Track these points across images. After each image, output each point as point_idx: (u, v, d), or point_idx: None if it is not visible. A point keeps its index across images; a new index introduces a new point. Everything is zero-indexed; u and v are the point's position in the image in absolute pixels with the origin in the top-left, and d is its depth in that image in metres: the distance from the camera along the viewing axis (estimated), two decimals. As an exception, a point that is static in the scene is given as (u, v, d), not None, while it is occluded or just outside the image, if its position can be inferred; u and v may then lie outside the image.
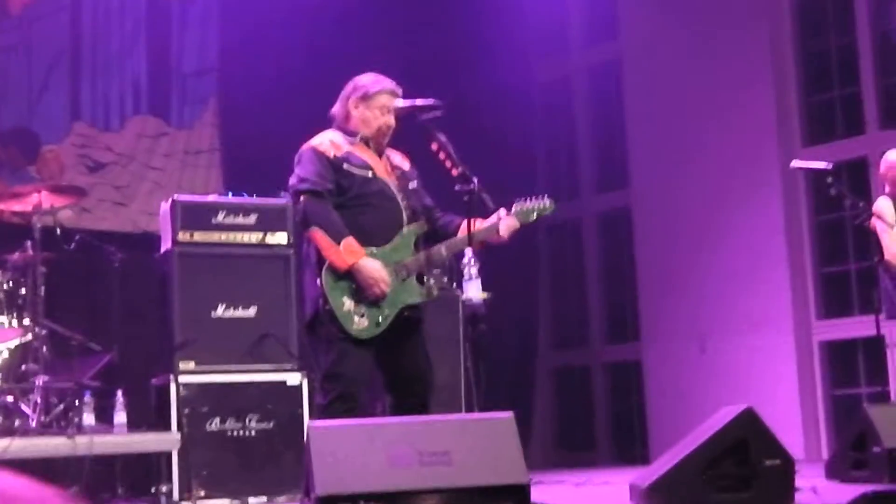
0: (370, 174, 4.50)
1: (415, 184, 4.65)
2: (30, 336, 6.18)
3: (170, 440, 6.00)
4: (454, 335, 6.93)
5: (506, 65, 9.79)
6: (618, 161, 9.97)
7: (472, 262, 4.38)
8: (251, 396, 6.23)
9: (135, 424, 6.32)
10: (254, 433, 6.20)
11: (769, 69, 8.89)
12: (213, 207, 6.44)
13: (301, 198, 4.43)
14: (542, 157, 10.43)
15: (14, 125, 7.84)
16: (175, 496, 5.95)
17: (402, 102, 4.55)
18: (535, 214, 4.67)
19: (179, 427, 6.02)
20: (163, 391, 6.18)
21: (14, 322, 6.24)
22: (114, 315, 6.96)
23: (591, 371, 10.11)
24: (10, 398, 6.04)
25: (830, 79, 8.95)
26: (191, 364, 6.16)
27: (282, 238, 6.50)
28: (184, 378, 6.11)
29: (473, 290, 4.37)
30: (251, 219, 6.46)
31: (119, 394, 6.29)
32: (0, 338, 6.17)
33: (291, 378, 6.33)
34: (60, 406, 6.05)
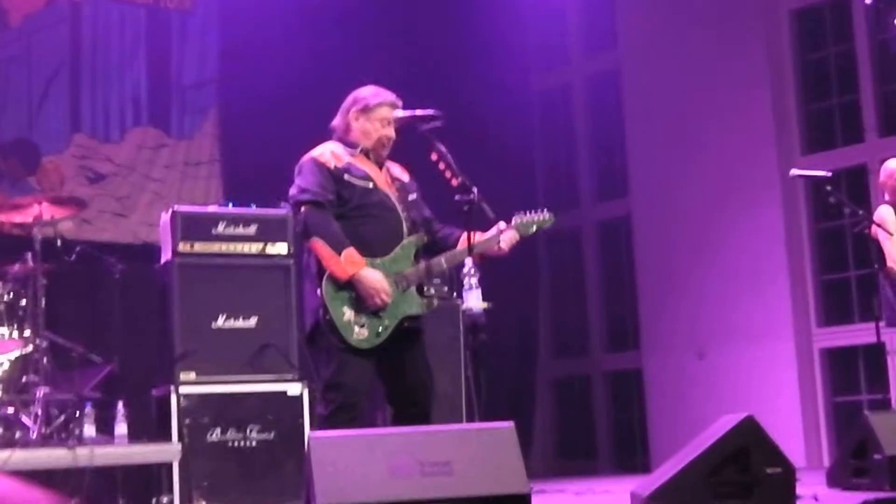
0: (371, 185, 4.50)
1: (414, 195, 4.65)
2: (30, 347, 6.18)
3: (171, 451, 6.00)
4: (455, 345, 6.94)
5: (505, 74, 9.81)
6: (617, 170, 9.98)
7: (473, 273, 4.38)
8: (252, 407, 6.23)
9: (136, 435, 6.32)
10: (254, 443, 6.20)
11: (768, 77, 8.90)
12: (214, 218, 6.45)
13: (302, 208, 4.43)
14: (542, 167, 10.44)
15: (14, 136, 7.85)
16: (176, 507, 5.96)
17: (402, 113, 4.56)
18: (535, 227, 4.68)
19: (180, 438, 6.02)
20: (163, 402, 6.19)
21: (15, 334, 6.24)
22: (114, 326, 6.96)
23: (592, 380, 10.10)
24: (11, 410, 6.04)
25: (829, 87, 8.95)
26: (191, 375, 6.17)
27: (282, 248, 6.51)
28: (184, 389, 6.11)
29: (474, 300, 4.37)
30: (251, 229, 6.46)
31: (120, 405, 6.29)
32: (1, 349, 6.17)
33: (292, 388, 6.33)
34: (61, 417, 6.06)
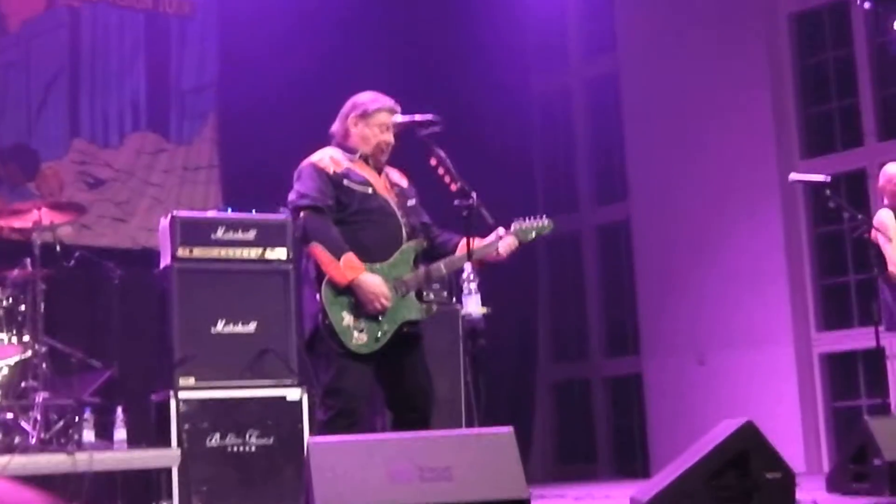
0: (370, 191, 4.50)
1: (413, 201, 4.65)
2: (29, 353, 6.18)
3: (170, 456, 6.00)
4: (454, 350, 6.95)
5: (504, 77, 9.81)
6: (616, 173, 9.98)
7: (472, 277, 4.36)
8: (251, 412, 6.22)
9: (135, 441, 6.32)
10: (254, 448, 6.20)
11: (767, 81, 8.90)
12: (213, 223, 6.45)
13: (301, 213, 4.43)
14: (541, 170, 10.44)
15: (13, 142, 7.85)
16: (175, 512, 5.96)
17: (401, 118, 4.56)
18: (534, 233, 4.68)
19: (179, 443, 6.02)
20: (163, 407, 6.18)
21: (14, 339, 6.24)
22: (113, 331, 6.95)
23: (591, 384, 10.09)
24: (10, 415, 6.03)
25: (828, 91, 8.96)
26: (191, 380, 6.17)
27: (281, 253, 6.51)
28: (184, 394, 6.11)
29: (473, 305, 4.35)
30: (250, 234, 6.46)
31: (119, 410, 6.29)
32: (0, 355, 6.16)
33: (291, 393, 6.33)
34: (60, 423, 6.06)
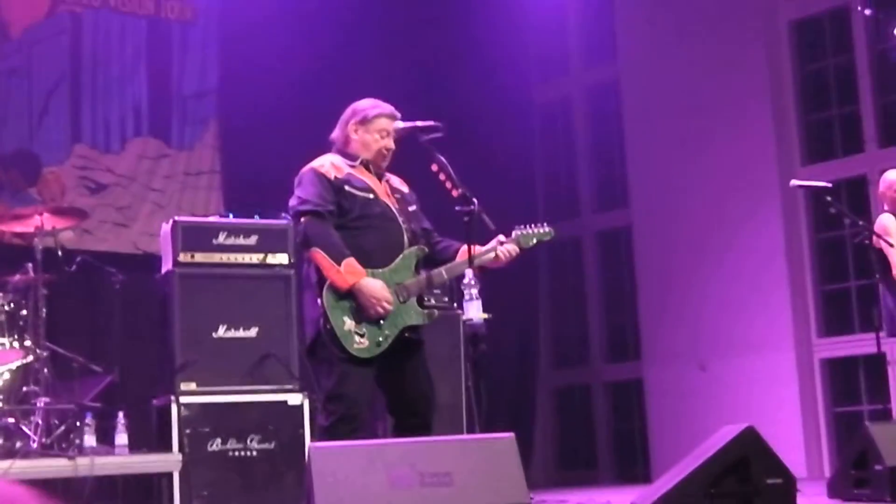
0: (371, 196, 4.50)
1: (414, 207, 4.66)
2: (31, 358, 6.18)
3: (171, 461, 6.00)
4: (455, 355, 6.95)
5: (505, 85, 9.83)
6: (617, 180, 9.99)
7: (473, 283, 4.37)
8: (252, 417, 6.22)
9: (136, 445, 6.32)
10: (255, 453, 6.19)
11: (767, 88, 8.91)
12: (214, 228, 6.45)
13: (302, 219, 4.43)
14: (542, 177, 10.45)
15: (15, 147, 7.86)
16: (177, 517, 5.95)
17: (403, 124, 4.57)
18: (535, 240, 4.67)
19: (181, 448, 6.02)
20: (164, 412, 6.18)
21: (15, 344, 6.24)
22: (115, 336, 6.96)
23: (592, 390, 10.09)
24: (12, 420, 6.04)
25: (829, 97, 8.97)
26: (192, 385, 6.16)
27: (282, 259, 6.51)
28: (185, 399, 6.10)
29: (474, 311, 4.36)
30: (252, 240, 6.46)
31: (120, 415, 6.29)
32: (1, 359, 6.17)
33: (292, 398, 6.32)
34: (62, 427, 6.05)
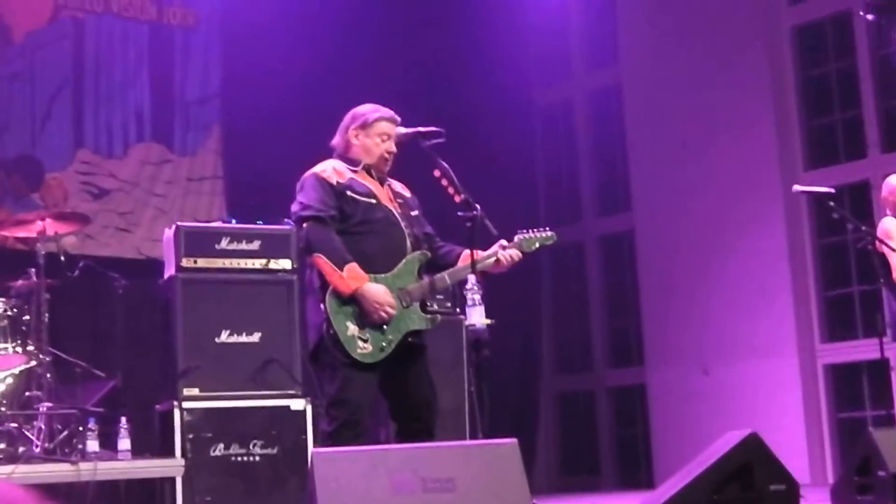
0: (374, 201, 4.50)
1: (416, 212, 4.65)
2: (34, 362, 6.18)
3: (174, 466, 5.99)
4: (458, 360, 6.94)
5: (507, 89, 9.83)
6: (619, 184, 9.99)
7: (476, 289, 4.37)
8: (255, 422, 6.21)
9: (138, 450, 6.32)
10: (258, 459, 6.19)
11: (770, 93, 8.91)
12: (217, 234, 6.45)
13: (304, 224, 4.43)
14: (544, 181, 10.45)
15: (18, 153, 7.88)
16: (179, 522, 5.95)
17: (405, 130, 4.56)
18: (537, 244, 4.67)
19: (183, 453, 6.01)
20: (167, 417, 6.18)
21: (18, 348, 6.24)
22: (118, 341, 6.96)
23: (595, 395, 10.08)
24: (15, 425, 6.03)
25: (831, 102, 8.96)
26: (195, 390, 6.16)
27: (285, 264, 6.50)
28: (188, 404, 6.09)
29: (477, 316, 4.35)
30: (254, 245, 6.46)
31: (123, 420, 6.28)
32: (4, 364, 6.17)
33: (295, 403, 6.31)
34: (64, 432, 6.05)
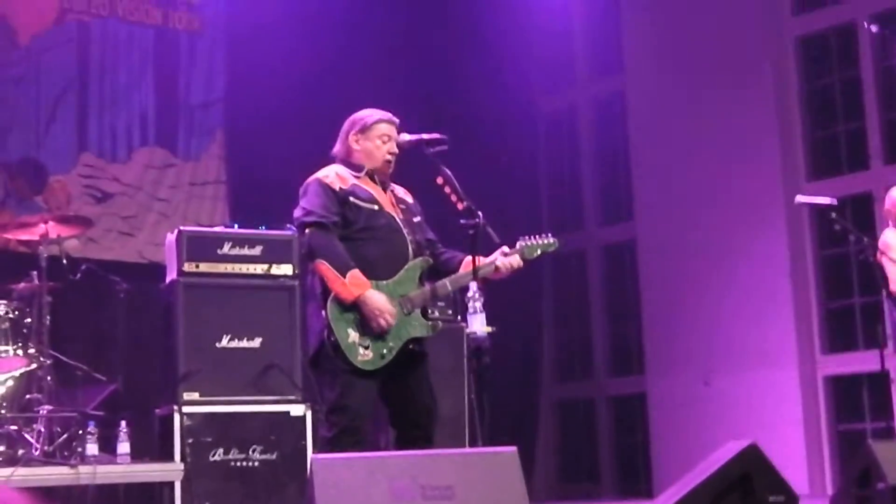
0: (376, 207, 4.51)
1: (419, 218, 4.66)
2: (34, 365, 6.18)
3: (173, 470, 6.00)
4: (458, 368, 6.95)
5: (511, 96, 9.83)
6: (622, 193, 9.99)
7: (477, 296, 4.37)
8: (255, 427, 6.22)
9: (138, 454, 6.31)
10: (257, 464, 6.19)
11: (773, 103, 8.91)
12: (219, 238, 6.46)
13: (307, 230, 4.43)
14: (547, 189, 10.45)
15: (22, 156, 7.88)
16: (178, 526, 5.95)
17: (409, 136, 4.57)
18: (539, 251, 4.67)
19: (183, 457, 6.01)
20: (166, 421, 6.18)
21: (19, 351, 6.24)
22: (119, 345, 6.97)
23: (596, 404, 10.08)
24: (14, 427, 6.04)
25: (835, 114, 8.96)
26: (195, 394, 6.16)
27: (287, 269, 6.51)
28: (188, 408, 6.10)
29: (478, 324, 4.36)
30: (256, 250, 6.47)
31: (123, 424, 6.28)
32: (5, 367, 6.17)
33: (295, 409, 6.32)
34: (64, 435, 6.05)
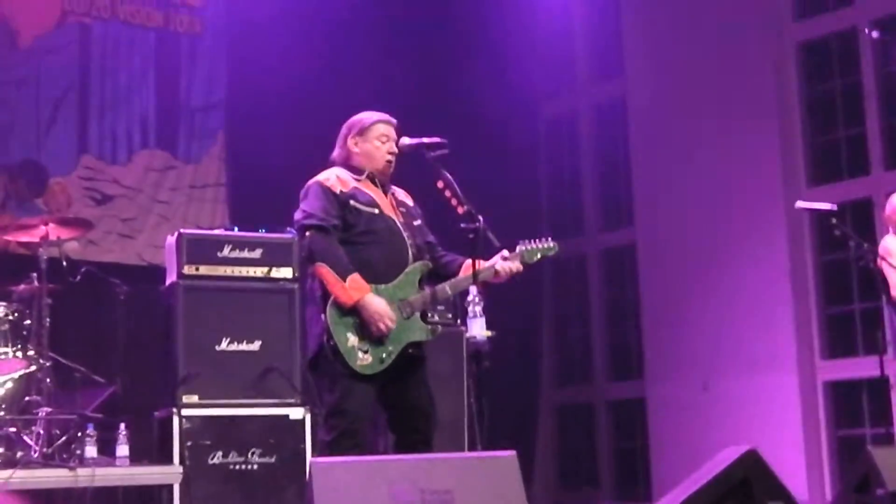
0: (377, 211, 4.51)
1: (419, 221, 4.66)
2: (34, 367, 6.18)
3: (172, 473, 5.99)
4: (458, 372, 6.94)
5: (511, 100, 9.82)
6: (622, 198, 9.99)
7: (477, 300, 4.37)
8: (254, 430, 6.21)
9: (137, 457, 6.31)
10: (256, 467, 6.19)
11: (774, 108, 8.91)
12: (219, 241, 6.46)
13: (307, 233, 4.44)
14: (547, 194, 10.45)
15: (22, 158, 7.88)
16: (176, 529, 5.94)
17: (409, 140, 4.57)
18: (539, 255, 4.67)
19: (182, 460, 6.01)
20: (166, 424, 6.18)
21: (18, 353, 6.23)
22: (118, 347, 6.96)
23: (595, 408, 10.07)
24: (13, 429, 6.03)
25: (835, 119, 8.96)
26: (194, 397, 6.16)
27: (287, 272, 6.51)
28: (187, 411, 6.10)
29: (477, 328, 4.36)
30: (256, 253, 6.47)
31: (122, 426, 6.27)
32: (4, 369, 6.16)
33: (294, 412, 6.32)
34: (63, 438, 6.05)
